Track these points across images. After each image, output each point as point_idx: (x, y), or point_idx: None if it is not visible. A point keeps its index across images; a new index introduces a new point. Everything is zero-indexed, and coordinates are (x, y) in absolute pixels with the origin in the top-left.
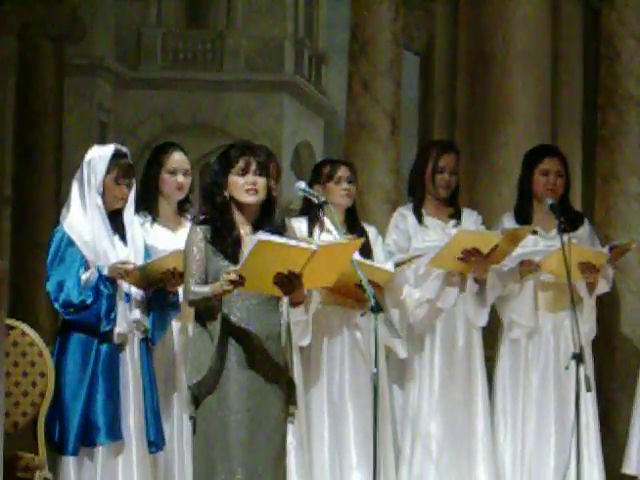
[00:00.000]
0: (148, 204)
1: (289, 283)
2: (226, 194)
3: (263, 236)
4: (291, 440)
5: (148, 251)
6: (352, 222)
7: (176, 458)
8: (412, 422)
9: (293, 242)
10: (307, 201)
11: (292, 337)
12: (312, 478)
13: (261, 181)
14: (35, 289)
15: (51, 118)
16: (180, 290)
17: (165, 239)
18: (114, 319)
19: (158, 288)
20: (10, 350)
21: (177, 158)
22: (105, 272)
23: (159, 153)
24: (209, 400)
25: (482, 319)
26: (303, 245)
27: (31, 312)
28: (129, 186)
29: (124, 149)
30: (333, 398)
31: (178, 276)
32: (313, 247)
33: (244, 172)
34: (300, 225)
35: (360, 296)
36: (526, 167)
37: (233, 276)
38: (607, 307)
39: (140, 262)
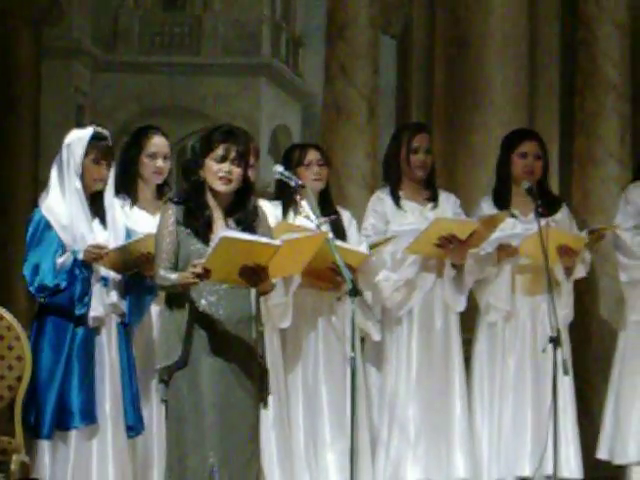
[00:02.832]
0: (127, 187)
1: (255, 275)
2: (202, 175)
3: (228, 233)
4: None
5: (129, 234)
6: (325, 205)
7: (155, 441)
8: (389, 406)
9: (257, 238)
10: (281, 184)
11: (270, 321)
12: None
13: (237, 171)
14: (12, 273)
15: (28, 101)
16: None
17: (144, 223)
18: (88, 303)
19: (135, 272)
20: None
21: (157, 142)
22: (80, 256)
23: (139, 136)
24: (181, 384)
25: (460, 304)
26: (267, 241)
27: (8, 296)
28: (108, 167)
29: (104, 132)
30: (307, 381)
31: (152, 260)
32: (277, 242)
33: (222, 159)
34: (275, 209)
35: (334, 279)
36: (504, 150)
37: (198, 269)
38: (584, 291)
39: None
